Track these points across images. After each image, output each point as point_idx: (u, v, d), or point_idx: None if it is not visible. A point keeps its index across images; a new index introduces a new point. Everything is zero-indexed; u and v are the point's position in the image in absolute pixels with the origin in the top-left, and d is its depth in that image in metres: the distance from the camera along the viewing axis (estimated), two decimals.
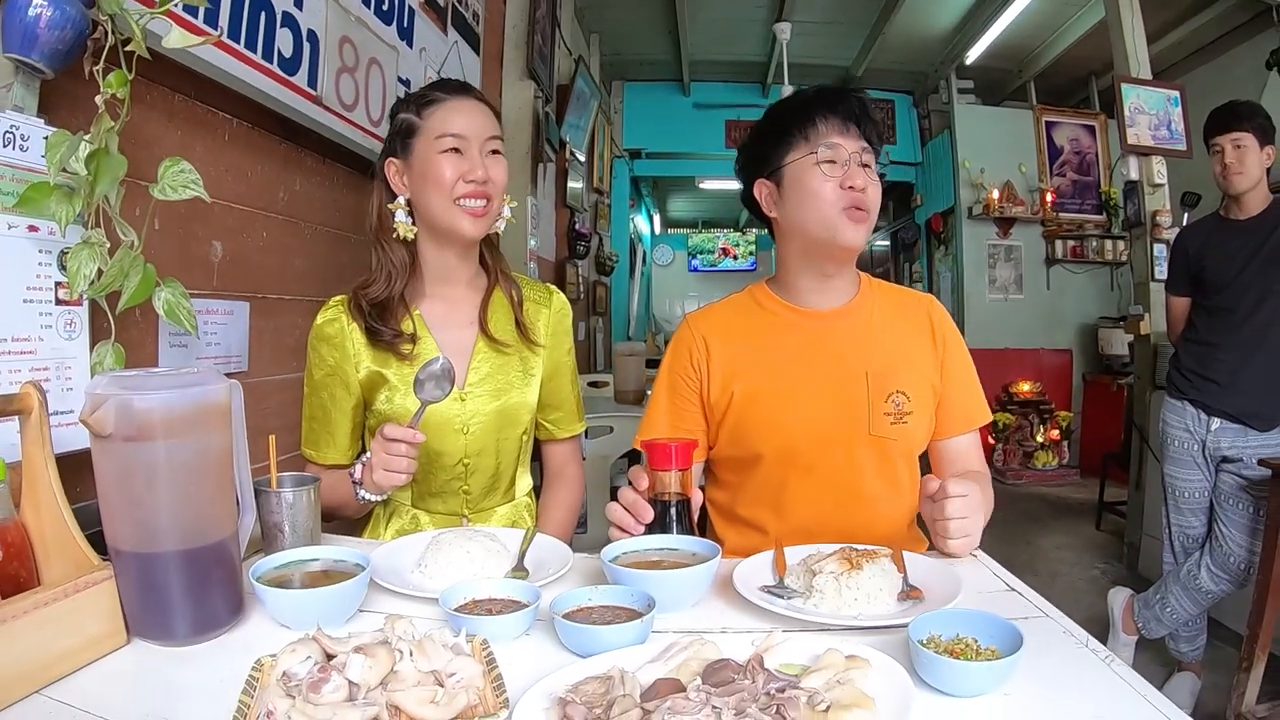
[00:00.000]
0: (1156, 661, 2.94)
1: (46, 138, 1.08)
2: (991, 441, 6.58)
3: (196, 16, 1.43)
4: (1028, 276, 6.80)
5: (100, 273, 1.12)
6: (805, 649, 0.84)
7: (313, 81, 1.88)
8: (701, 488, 1.64)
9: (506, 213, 1.50)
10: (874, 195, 1.40)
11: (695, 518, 1.27)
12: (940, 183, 7.31)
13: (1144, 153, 3.72)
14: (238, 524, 1.00)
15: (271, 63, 1.70)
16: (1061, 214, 6.62)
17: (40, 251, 1.13)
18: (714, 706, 0.67)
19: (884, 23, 5.94)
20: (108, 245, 1.15)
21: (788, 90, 5.93)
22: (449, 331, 1.51)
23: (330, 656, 0.74)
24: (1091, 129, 6.68)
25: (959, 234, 6.86)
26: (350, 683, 0.70)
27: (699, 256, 13.29)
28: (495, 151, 1.45)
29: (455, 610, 0.92)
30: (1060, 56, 6.25)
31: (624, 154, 7.93)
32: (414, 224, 1.46)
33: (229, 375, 1.00)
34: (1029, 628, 0.96)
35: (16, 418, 0.89)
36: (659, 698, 0.69)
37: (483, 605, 0.96)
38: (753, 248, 13.07)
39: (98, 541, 0.90)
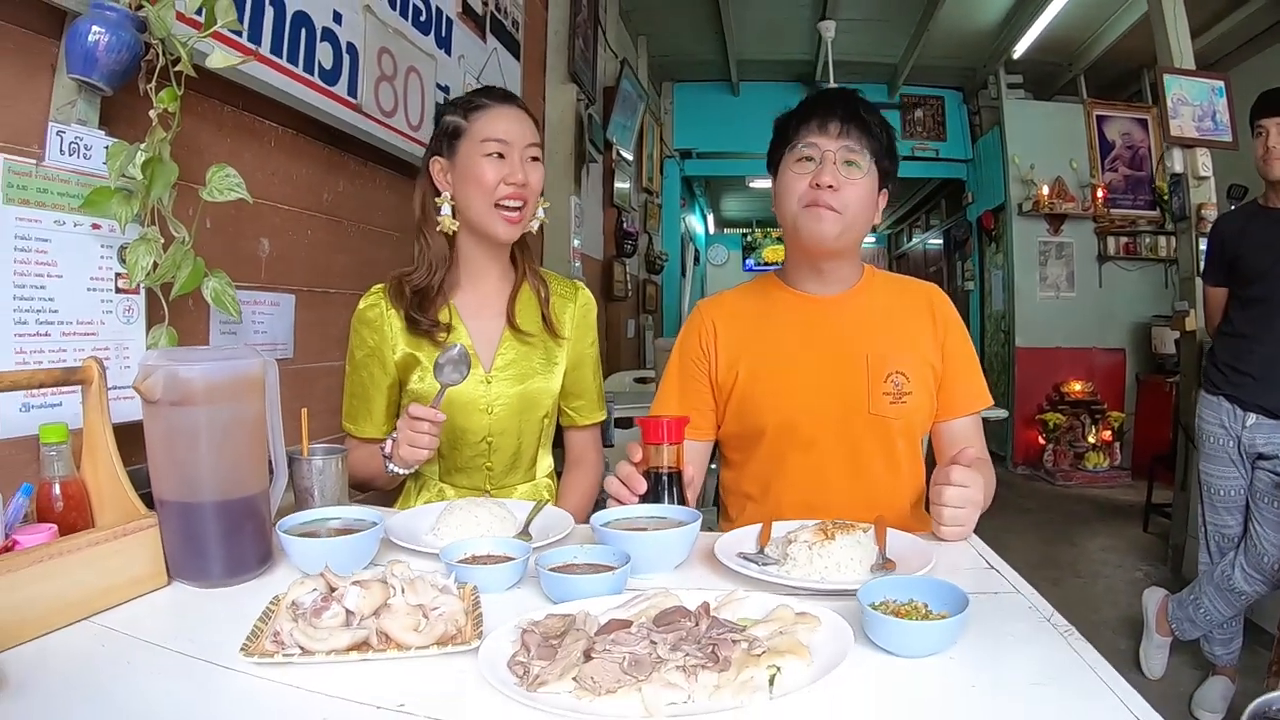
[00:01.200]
0: (1191, 664, 2.90)
1: (107, 147, 1.24)
2: (1042, 441, 6.50)
3: (241, 36, 1.57)
4: (1079, 274, 6.67)
5: (155, 265, 1.28)
6: (762, 607, 0.90)
7: (353, 90, 2.02)
8: (715, 469, 1.73)
9: (541, 214, 1.62)
10: (851, 194, 1.44)
11: (699, 492, 1.35)
12: (991, 180, 7.22)
13: (1188, 144, 3.65)
14: (269, 484, 1.13)
15: (313, 74, 1.85)
16: (1113, 210, 6.47)
17: (102, 246, 1.30)
18: (652, 641, 0.76)
19: (929, 18, 5.92)
20: (162, 241, 1.30)
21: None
22: (479, 321, 1.63)
23: (334, 590, 0.85)
24: (1144, 122, 6.51)
25: (1009, 231, 6.78)
26: (347, 611, 0.81)
27: (754, 255, 13.28)
28: (535, 158, 1.57)
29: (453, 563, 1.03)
30: (1110, 49, 6.13)
31: (674, 154, 8.02)
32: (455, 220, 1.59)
33: (275, 360, 1.14)
34: (997, 602, 1.00)
35: (80, 387, 1.04)
36: (608, 633, 0.78)
37: (480, 560, 1.06)
38: None
39: (147, 502, 1.04)
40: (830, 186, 1.42)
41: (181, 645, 0.85)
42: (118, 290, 1.32)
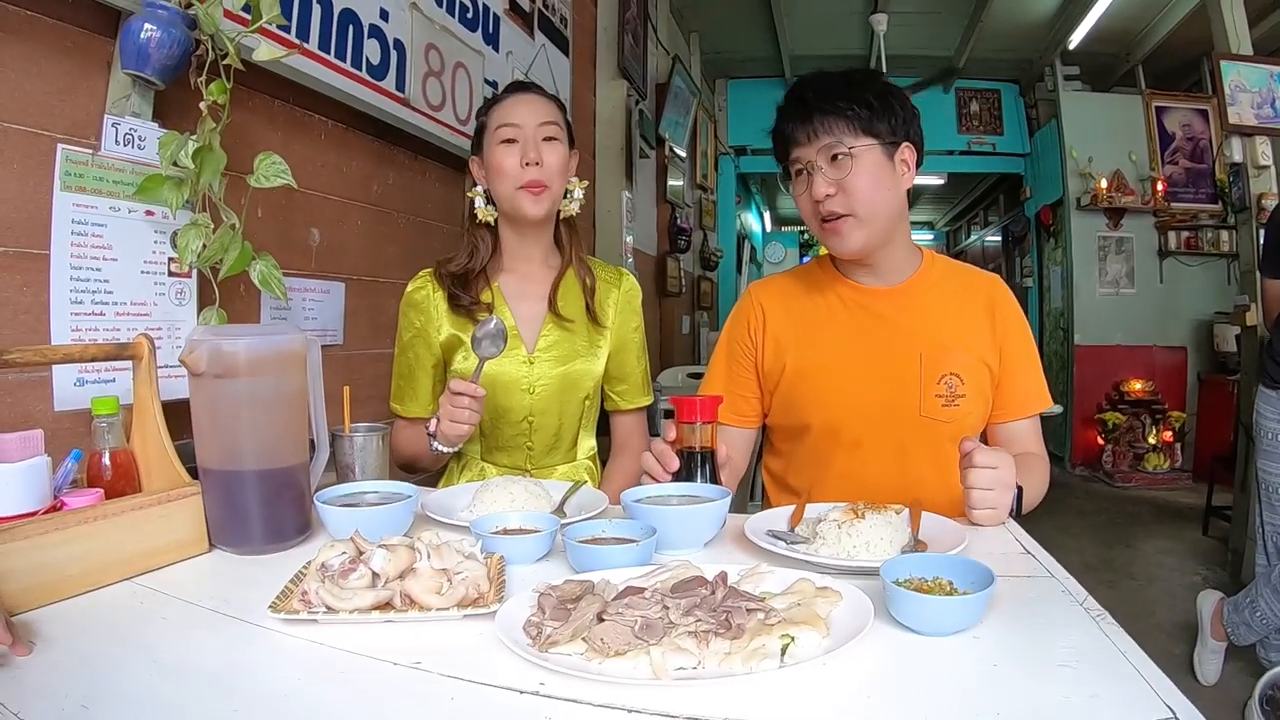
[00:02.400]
0: (1247, 671, 2.78)
1: (159, 138, 1.30)
2: (1101, 442, 6.32)
3: (290, 32, 1.63)
4: (1139, 270, 6.46)
5: (204, 247, 1.33)
6: (785, 583, 0.89)
7: (400, 85, 2.07)
8: (760, 458, 1.72)
9: (579, 194, 1.66)
10: (853, 188, 1.36)
11: (740, 478, 1.33)
12: (1049, 174, 7.04)
13: (1246, 132, 3.53)
14: (309, 457, 1.17)
15: (361, 70, 1.90)
16: (1174, 204, 6.23)
17: (155, 232, 1.37)
18: (665, 606, 0.77)
19: (982, 10, 5.80)
20: (212, 226, 1.36)
21: None
22: (523, 303, 1.67)
23: (362, 554, 0.88)
24: (1204, 113, 6.24)
25: (1067, 226, 6.59)
26: (373, 573, 0.84)
27: (811, 253, 13.17)
28: (550, 138, 1.60)
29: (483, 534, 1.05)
30: (1168, 38, 5.91)
31: (729, 151, 7.99)
32: (494, 210, 1.64)
33: (325, 346, 1.18)
34: (1030, 585, 0.98)
35: (130, 363, 1.09)
36: (623, 599, 0.80)
37: (512, 534, 1.09)
38: None
39: (194, 476, 1.08)
40: (828, 195, 1.38)
41: (216, 605, 0.89)
42: (170, 274, 1.39)
